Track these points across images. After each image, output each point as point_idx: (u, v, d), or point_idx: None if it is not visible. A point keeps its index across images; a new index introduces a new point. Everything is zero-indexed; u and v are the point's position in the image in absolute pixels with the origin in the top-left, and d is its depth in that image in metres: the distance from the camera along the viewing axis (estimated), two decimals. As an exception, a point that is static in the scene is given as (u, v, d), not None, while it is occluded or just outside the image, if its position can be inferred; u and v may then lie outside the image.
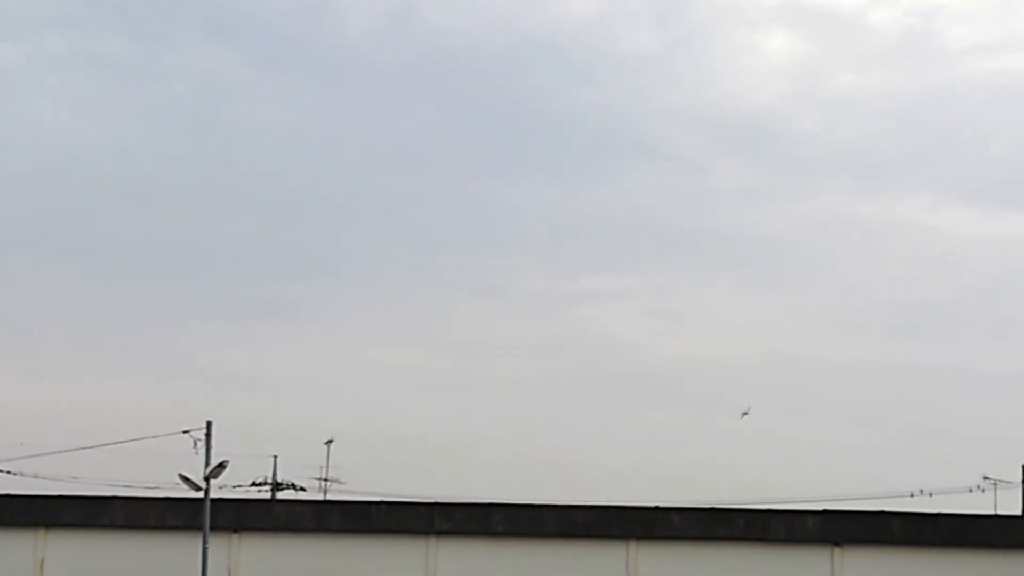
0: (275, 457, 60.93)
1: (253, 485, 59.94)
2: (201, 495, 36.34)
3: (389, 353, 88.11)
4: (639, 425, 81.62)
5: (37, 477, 49.32)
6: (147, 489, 43.94)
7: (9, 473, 49.82)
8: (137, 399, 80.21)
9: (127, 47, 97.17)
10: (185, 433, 37.63)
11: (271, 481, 60.65)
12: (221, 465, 36.44)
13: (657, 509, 37.05)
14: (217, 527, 36.72)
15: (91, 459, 46.21)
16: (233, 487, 53.87)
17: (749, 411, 59.61)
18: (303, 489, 60.99)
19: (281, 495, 59.79)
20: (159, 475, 43.75)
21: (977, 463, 62.32)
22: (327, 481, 61.05)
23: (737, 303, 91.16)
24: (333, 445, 60.98)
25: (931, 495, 53.92)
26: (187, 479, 36.18)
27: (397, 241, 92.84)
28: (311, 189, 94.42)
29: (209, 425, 37.91)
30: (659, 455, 78.53)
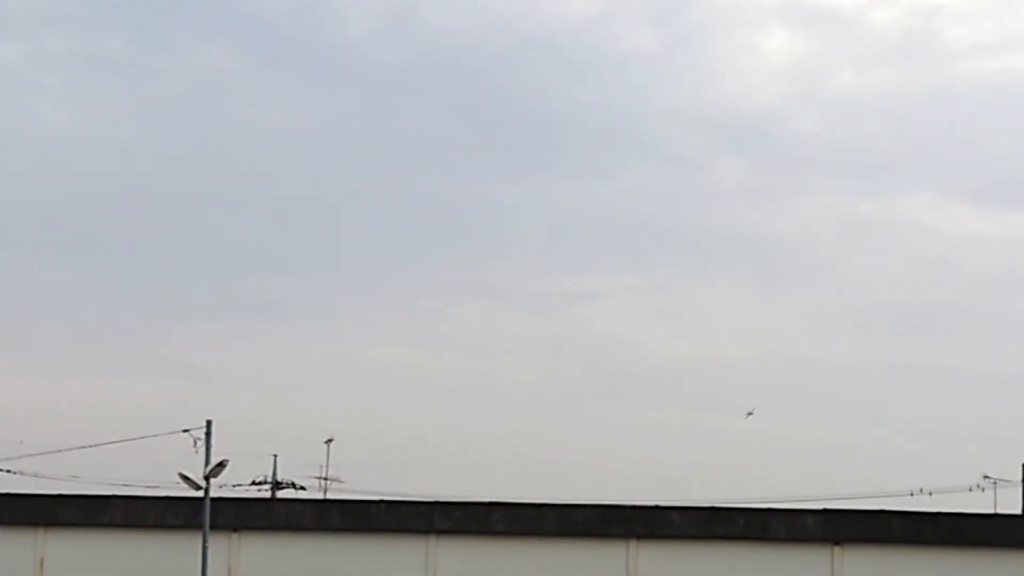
0: (275, 456, 60.81)
1: (253, 484, 59.82)
2: (201, 494, 36.33)
3: (389, 353, 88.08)
4: (639, 425, 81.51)
5: (37, 476, 49.28)
6: (147, 488, 43.96)
7: (9, 472, 49.83)
8: (137, 399, 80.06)
9: (127, 46, 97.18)
10: (185, 432, 37.65)
11: (271, 480, 60.51)
12: (221, 464, 36.43)
13: (657, 508, 37.06)
14: (217, 526, 36.72)
15: (91, 458, 46.24)
16: (233, 486, 53.75)
17: (754, 411, 59.49)
18: (303, 488, 60.85)
19: (281, 494, 59.65)
20: (159, 474, 43.76)
21: (977, 462, 62.13)
22: (327, 480, 60.94)
23: (737, 303, 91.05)
24: (333, 444, 60.86)
25: (931, 494, 53.89)
26: (187, 478, 36.18)
27: (397, 241, 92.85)
28: (311, 189, 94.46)
29: (209, 424, 37.88)
30: (659, 455, 78.46)
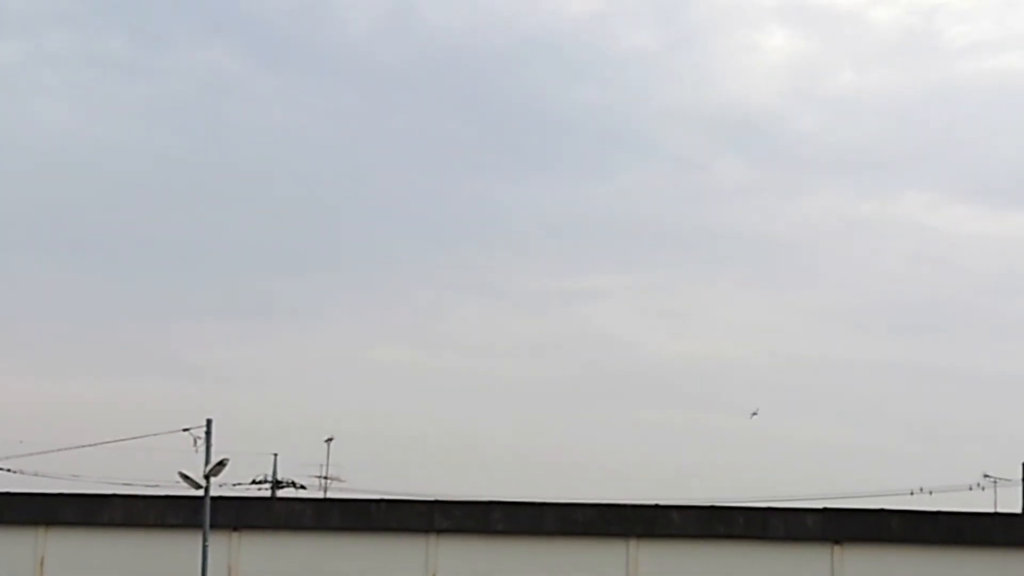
0: (275, 455, 60.89)
1: (253, 483, 59.91)
2: (201, 493, 36.33)
3: (389, 352, 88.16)
4: (639, 424, 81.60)
5: (37, 475, 49.35)
6: (147, 487, 44.10)
7: (9, 471, 49.91)
8: (137, 398, 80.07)
9: (127, 46, 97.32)
10: (185, 431, 37.65)
11: (271, 479, 60.57)
12: (221, 463, 36.42)
13: (657, 507, 37.09)
14: (217, 525, 36.73)
15: (91, 457, 46.36)
16: (233, 485, 53.83)
17: (758, 412, 59.50)
18: (303, 487, 60.94)
19: (281, 493, 59.72)
20: (159, 473, 43.82)
21: (977, 461, 62.17)
22: (327, 479, 61.01)
23: (737, 302, 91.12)
24: (333, 443, 60.93)
25: (931, 493, 53.89)
26: (187, 477, 36.18)
27: (397, 240, 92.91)
28: (311, 188, 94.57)
29: (209, 423, 37.86)
30: (659, 454, 78.54)
